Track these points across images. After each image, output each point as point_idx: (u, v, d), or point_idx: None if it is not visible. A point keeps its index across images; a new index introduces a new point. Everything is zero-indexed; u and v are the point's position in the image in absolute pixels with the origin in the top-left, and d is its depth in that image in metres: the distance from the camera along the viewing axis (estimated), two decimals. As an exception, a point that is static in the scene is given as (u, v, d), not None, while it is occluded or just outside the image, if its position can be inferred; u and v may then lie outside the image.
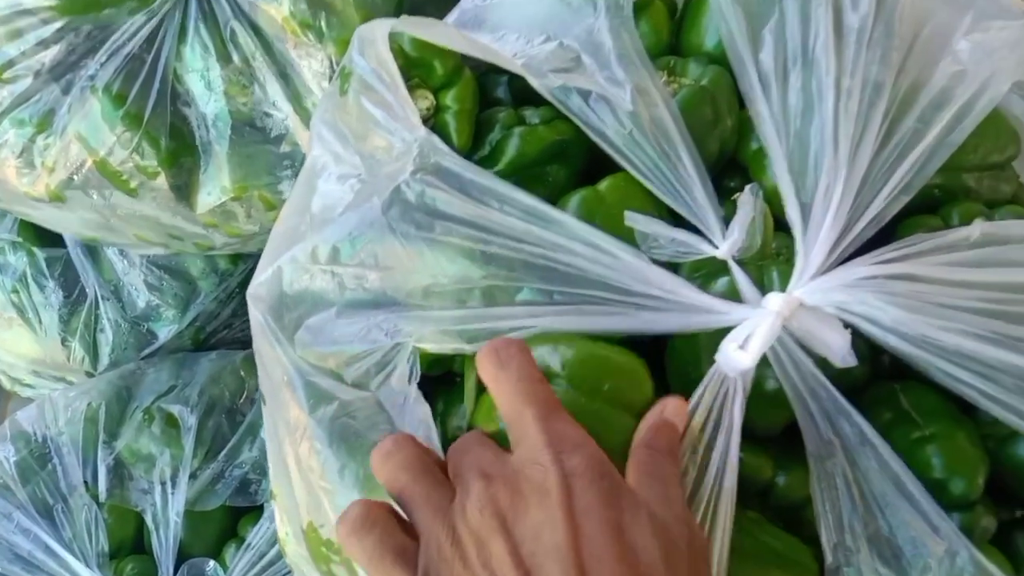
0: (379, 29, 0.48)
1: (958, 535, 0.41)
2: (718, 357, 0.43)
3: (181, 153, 0.63)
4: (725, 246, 0.47)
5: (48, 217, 0.72)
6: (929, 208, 0.55)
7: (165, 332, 0.94)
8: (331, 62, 0.59)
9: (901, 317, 0.43)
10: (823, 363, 0.46)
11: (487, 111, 0.57)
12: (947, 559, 0.41)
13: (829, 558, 0.44)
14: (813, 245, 0.45)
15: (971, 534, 0.48)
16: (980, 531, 0.49)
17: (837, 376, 0.49)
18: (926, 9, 0.54)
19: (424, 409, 0.47)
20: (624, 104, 0.49)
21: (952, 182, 0.55)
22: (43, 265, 0.94)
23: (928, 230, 0.51)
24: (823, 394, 0.44)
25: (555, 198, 0.54)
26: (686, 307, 0.44)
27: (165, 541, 0.81)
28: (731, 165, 0.57)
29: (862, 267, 0.44)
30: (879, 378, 0.53)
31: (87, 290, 0.94)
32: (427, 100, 0.52)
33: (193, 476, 0.83)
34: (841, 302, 0.43)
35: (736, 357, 0.42)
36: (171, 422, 0.86)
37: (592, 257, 0.46)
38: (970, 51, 0.52)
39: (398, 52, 0.51)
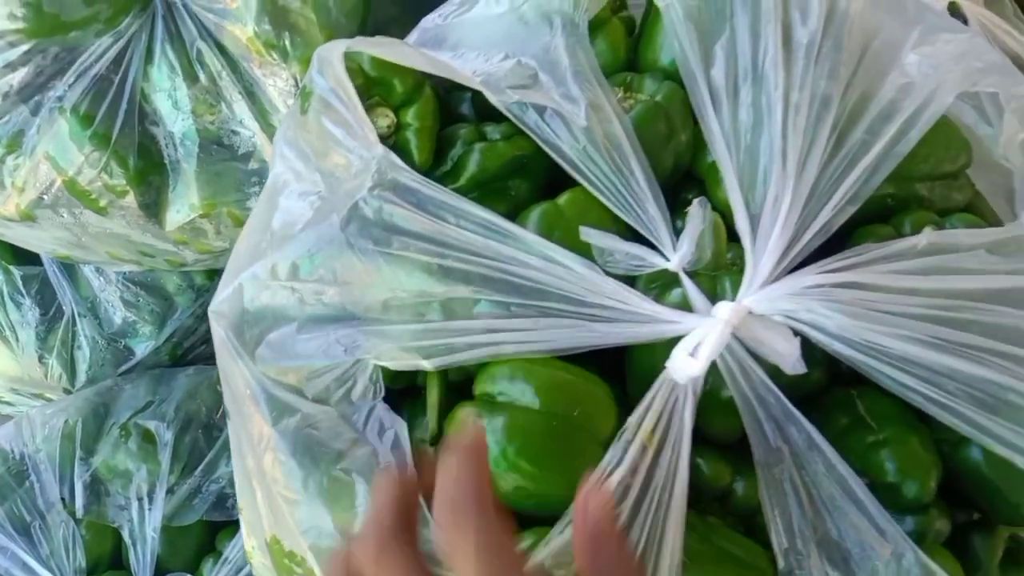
0: (336, 50, 0.49)
1: (904, 538, 0.42)
2: (668, 365, 0.44)
3: (149, 172, 0.64)
4: (676, 258, 0.48)
5: (20, 236, 0.73)
6: (882, 217, 0.56)
7: (142, 348, 0.95)
8: (296, 80, 0.60)
9: (846, 324, 0.44)
10: (776, 370, 0.47)
11: (450, 127, 0.58)
12: (894, 561, 0.42)
13: (781, 562, 0.45)
14: (762, 255, 0.46)
15: (924, 536, 0.50)
16: (934, 533, 0.50)
17: (794, 383, 0.50)
18: (875, 23, 0.55)
19: (395, 420, 0.48)
20: (578, 120, 0.50)
21: (904, 191, 0.56)
22: (19, 283, 0.94)
23: (879, 239, 0.52)
24: (772, 401, 0.45)
25: (517, 212, 0.55)
26: (639, 318, 0.45)
27: (143, 557, 0.82)
28: (689, 178, 0.58)
29: (809, 276, 0.46)
30: (837, 384, 0.54)
31: (64, 307, 0.95)
32: (388, 118, 0.53)
33: (170, 491, 0.84)
34: (788, 310, 0.44)
35: (686, 365, 0.43)
36: (148, 438, 0.86)
37: (548, 270, 0.47)
38: (917, 64, 0.53)
39: (358, 72, 0.52)
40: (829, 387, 0.54)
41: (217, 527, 0.85)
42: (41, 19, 0.59)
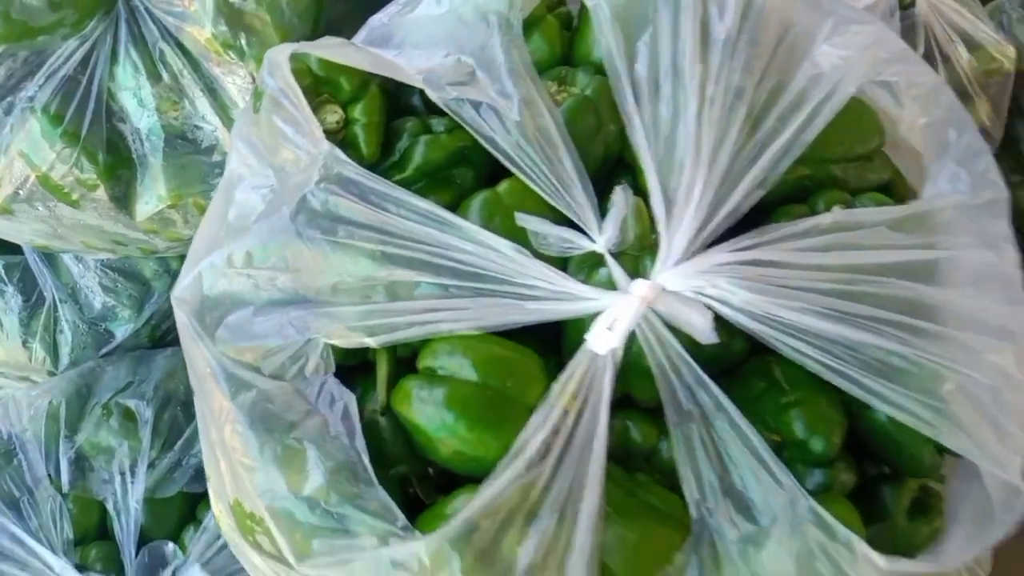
0: (284, 52, 0.53)
1: (799, 487, 0.47)
2: (588, 337, 0.48)
3: (118, 166, 0.67)
4: (602, 240, 0.52)
5: (0, 228, 0.77)
6: (800, 197, 0.61)
7: (122, 331, 0.99)
8: (253, 77, 0.64)
9: (749, 298, 0.48)
10: (697, 342, 0.51)
11: (397, 121, 0.62)
12: (790, 508, 0.47)
13: (693, 512, 0.50)
14: (675, 236, 0.50)
15: (831, 487, 0.55)
16: (839, 485, 0.55)
17: (718, 353, 0.55)
18: (791, 15, 0.59)
19: (345, 394, 0.52)
20: (511, 115, 0.54)
21: (820, 173, 0.61)
22: (1, 272, 0.98)
23: (794, 217, 0.56)
24: (684, 368, 0.50)
25: (462, 198, 0.59)
26: (563, 296, 0.50)
27: (127, 527, 0.87)
28: (622, 165, 0.62)
29: (719, 254, 0.50)
30: (758, 352, 0.59)
31: (45, 294, 0.99)
32: (336, 114, 0.57)
33: (151, 466, 0.88)
34: (698, 286, 0.49)
35: (604, 338, 0.48)
36: (129, 416, 0.90)
37: (482, 254, 0.51)
38: (827, 55, 0.57)
39: (306, 72, 0.56)
40: (751, 356, 0.59)
41: (197, 498, 0.89)
42: (10, 25, 0.62)
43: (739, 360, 0.58)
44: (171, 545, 0.86)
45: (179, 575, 0.85)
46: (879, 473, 0.60)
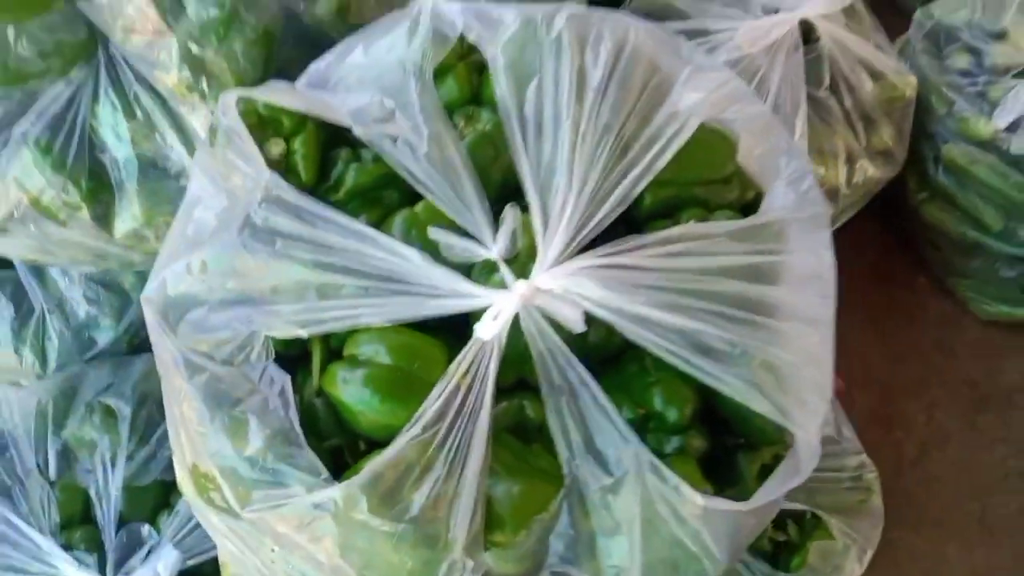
0: (233, 97, 0.65)
1: (640, 446, 0.59)
2: (476, 327, 0.60)
3: (99, 190, 0.79)
4: (495, 250, 0.64)
5: (-5, 244, 0.88)
6: (668, 214, 0.73)
7: (104, 338, 1.10)
8: (213, 115, 0.75)
9: (604, 295, 0.60)
10: (582, 333, 0.63)
11: (334, 151, 0.74)
12: (635, 462, 0.59)
13: (565, 469, 0.61)
14: (550, 245, 0.62)
15: (685, 450, 0.67)
16: (692, 449, 0.67)
17: (601, 342, 0.67)
18: (657, 62, 0.71)
19: (283, 376, 0.64)
20: (422, 147, 0.66)
21: (685, 193, 0.73)
22: (-7, 285, 1.09)
23: (656, 230, 0.68)
24: (558, 353, 0.61)
25: (388, 215, 0.71)
26: (459, 295, 0.62)
27: (107, 512, 0.97)
28: (518, 188, 0.74)
29: (585, 259, 0.62)
30: (633, 345, 0.71)
31: (35, 305, 1.09)
32: (279, 146, 0.69)
33: (129, 457, 0.99)
34: (566, 285, 0.61)
35: (489, 327, 0.60)
36: (109, 413, 1.01)
37: (395, 261, 0.63)
38: (683, 97, 0.69)
39: (254, 112, 0.68)
40: (628, 347, 0.70)
41: (170, 486, 0.99)
42: (6, 72, 0.74)
43: (619, 351, 0.70)
44: (147, 527, 0.97)
45: (154, 554, 0.95)
46: (736, 443, 0.72)
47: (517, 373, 0.66)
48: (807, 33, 1.31)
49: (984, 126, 1.35)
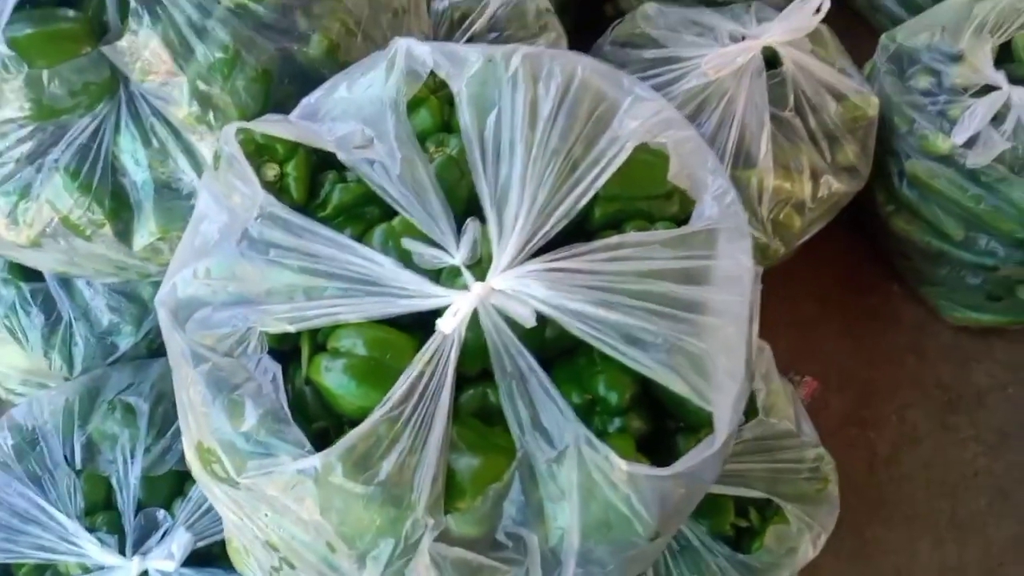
0: (233, 129, 0.76)
1: (578, 423, 0.68)
2: (439, 322, 0.70)
3: (120, 210, 0.90)
4: (458, 257, 0.74)
5: (29, 259, 0.99)
6: (616, 225, 0.83)
7: (125, 343, 1.21)
8: (217, 144, 0.87)
9: (549, 295, 0.70)
10: (536, 328, 0.72)
11: (323, 173, 0.84)
12: (574, 436, 0.68)
13: (517, 444, 0.71)
14: (503, 252, 0.72)
15: (625, 431, 0.76)
16: (632, 429, 0.77)
17: (557, 337, 0.77)
18: (602, 93, 0.82)
19: (275, 366, 0.74)
20: (395, 170, 0.77)
21: (630, 207, 0.83)
22: (28, 295, 1.21)
23: (601, 239, 0.78)
24: (510, 344, 0.71)
25: (370, 228, 0.81)
26: (424, 295, 0.72)
27: (127, 499, 1.08)
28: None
29: (533, 264, 0.72)
30: (586, 339, 0.80)
31: (63, 313, 1.21)
32: (274, 170, 0.80)
33: (147, 450, 1.10)
34: (515, 286, 0.71)
35: (449, 322, 0.70)
36: (129, 410, 1.12)
37: (369, 267, 0.73)
38: (624, 124, 0.79)
39: (251, 140, 0.79)
40: (581, 341, 0.80)
41: (184, 476, 1.10)
42: (41, 108, 0.86)
43: (572, 345, 0.80)
44: (163, 512, 1.07)
45: (169, 535, 1.06)
46: (677, 427, 0.82)
47: (480, 364, 0.76)
48: (773, 58, 1.41)
49: (943, 142, 1.44)
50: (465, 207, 0.80)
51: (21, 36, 0.83)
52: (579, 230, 0.80)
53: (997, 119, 1.40)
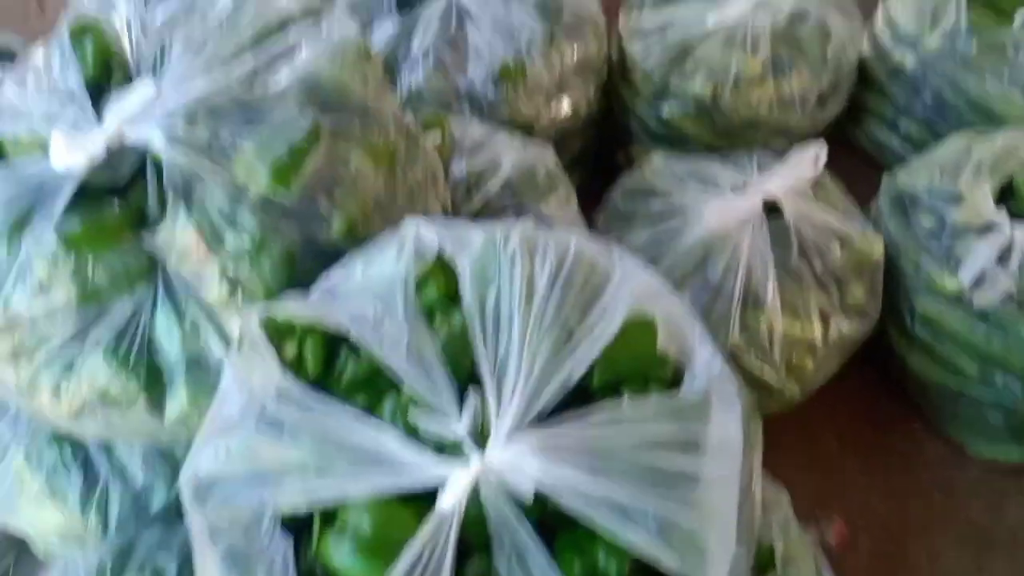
0: (255, 313, 0.83)
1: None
2: (439, 499, 0.74)
3: (154, 384, 0.97)
4: (460, 428, 0.79)
5: (70, 427, 1.06)
6: (615, 387, 0.87)
7: (158, 502, 1.26)
8: (240, 325, 0.94)
9: (543, 468, 0.74)
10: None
11: (339, 346, 0.91)
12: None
13: (516, 615, 0.73)
14: (501, 425, 0.76)
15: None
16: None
17: (559, 505, 0.80)
18: (595, 265, 0.88)
19: (286, 543, 0.78)
20: (403, 346, 0.82)
21: (625, 371, 0.87)
22: (70, 456, 1.27)
23: (607, 400, 0.82)
24: (509, 517, 0.74)
25: (382, 397, 0.86)
26: (427, 470, 0.76)
27: (152, 660, 1.10)
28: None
29: (529, 436, 0.76)
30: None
31: (100, 472, 1.27)
32: (293, 348, 0.86)
33: (174, 611, 1.13)
34: (512, 459, 0.75)
35: (448, 499, 0.73)
36: (157, 572, 1.16)
37: (376, 441, 0.78)
38: (618, 294, 0.85)
39: (272, 321, 0.86)
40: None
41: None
42: (85, 293, 0.94)
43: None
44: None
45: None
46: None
47: (484, 534, 0.79)
48: (776, 204, 1.48)
49: (950, 282, 1.47)
50: (468, 377, 0.86)
51: (70, 233, 0.93)
52: (580, 393, 0.84)
53: (1002, 258, 1.43)
